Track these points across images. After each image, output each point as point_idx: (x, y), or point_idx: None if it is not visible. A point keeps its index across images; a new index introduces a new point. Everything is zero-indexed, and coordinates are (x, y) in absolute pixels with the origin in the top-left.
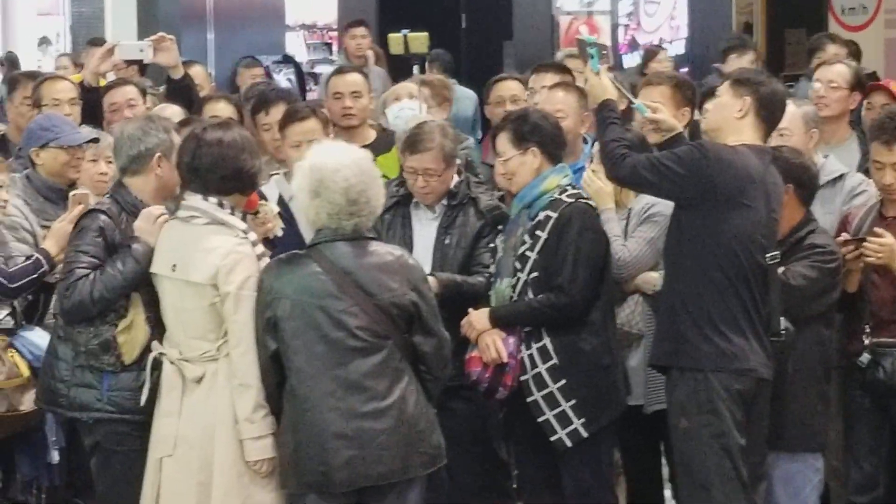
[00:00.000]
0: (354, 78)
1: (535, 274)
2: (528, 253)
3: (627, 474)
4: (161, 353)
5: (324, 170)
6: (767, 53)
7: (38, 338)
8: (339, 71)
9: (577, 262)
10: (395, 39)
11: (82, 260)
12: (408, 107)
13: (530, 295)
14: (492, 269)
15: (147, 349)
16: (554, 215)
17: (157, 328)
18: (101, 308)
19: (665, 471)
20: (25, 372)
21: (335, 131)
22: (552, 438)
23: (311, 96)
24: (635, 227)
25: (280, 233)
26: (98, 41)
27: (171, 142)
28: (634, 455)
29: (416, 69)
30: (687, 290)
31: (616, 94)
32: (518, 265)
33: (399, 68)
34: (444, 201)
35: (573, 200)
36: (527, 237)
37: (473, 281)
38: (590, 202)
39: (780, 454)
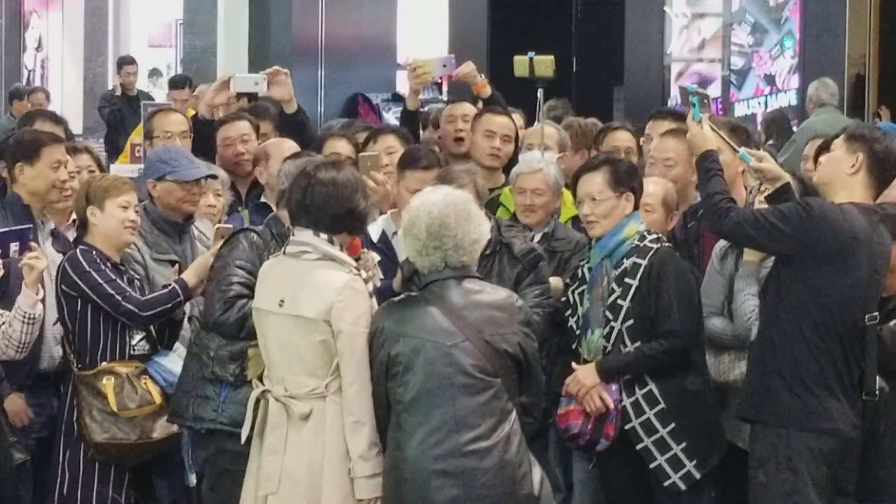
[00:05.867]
0: (505, 121)
1: (630, 322)
2: (619, 302)
3: None
4: (266, 391)
5: (413, 209)
6: (878, 106)
7: (173, 364)
8: (490, 111)
9: (681, 306)
10: (521, 62)
11: (238, 273)
12: (536, 159)
13: (627, 342)
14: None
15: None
16: (642, 262)
17: None
18: (247, 335)
19: None
20: (157, 399)
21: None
22: (665, 483)
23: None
24: None
25: (378, 283)
26: (179, 80)
27: None
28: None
29: (540, 92)
30: (780, 345)
31: (718, 143)
32: (610, 315)
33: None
34: None
35: (658, 246)
36: (615, 286)
37: None
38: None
39: None
